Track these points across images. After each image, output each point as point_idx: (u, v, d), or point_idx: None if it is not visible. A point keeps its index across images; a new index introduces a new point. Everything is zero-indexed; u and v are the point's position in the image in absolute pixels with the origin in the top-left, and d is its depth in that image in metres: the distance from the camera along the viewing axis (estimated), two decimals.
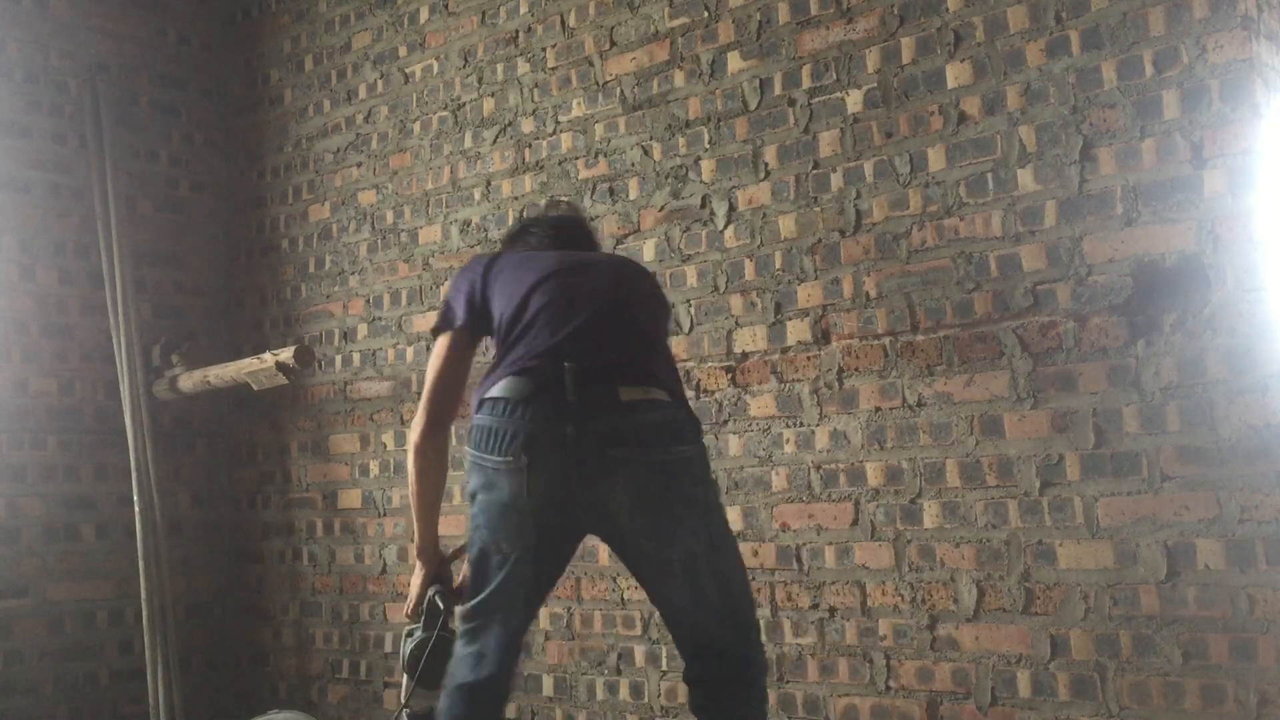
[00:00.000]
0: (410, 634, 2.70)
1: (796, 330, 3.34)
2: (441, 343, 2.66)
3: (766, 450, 3.36)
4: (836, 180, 3.29)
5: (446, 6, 4.32)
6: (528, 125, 4.01)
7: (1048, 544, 2.89)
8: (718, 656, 2.52)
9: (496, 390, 2.45)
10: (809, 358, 3.31)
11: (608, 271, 2.67)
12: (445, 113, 4.27)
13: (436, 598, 2.68)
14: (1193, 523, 2.69)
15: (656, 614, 3.51)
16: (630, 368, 2.46)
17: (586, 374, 2.40)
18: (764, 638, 3.32)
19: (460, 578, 2.66)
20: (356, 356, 4.45)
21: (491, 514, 2.45)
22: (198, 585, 4.74)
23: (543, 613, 3.80)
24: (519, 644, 2.55)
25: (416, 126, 4.36)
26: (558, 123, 3.93)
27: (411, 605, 2.72)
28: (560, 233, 2.85)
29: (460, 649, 2.51)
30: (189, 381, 4.55)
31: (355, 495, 4.42)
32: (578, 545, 2.61)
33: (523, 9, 4.07)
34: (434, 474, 2.62)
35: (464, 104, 4.21)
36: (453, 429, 2.63)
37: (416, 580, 2.72)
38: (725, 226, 3.50)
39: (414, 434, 2.62)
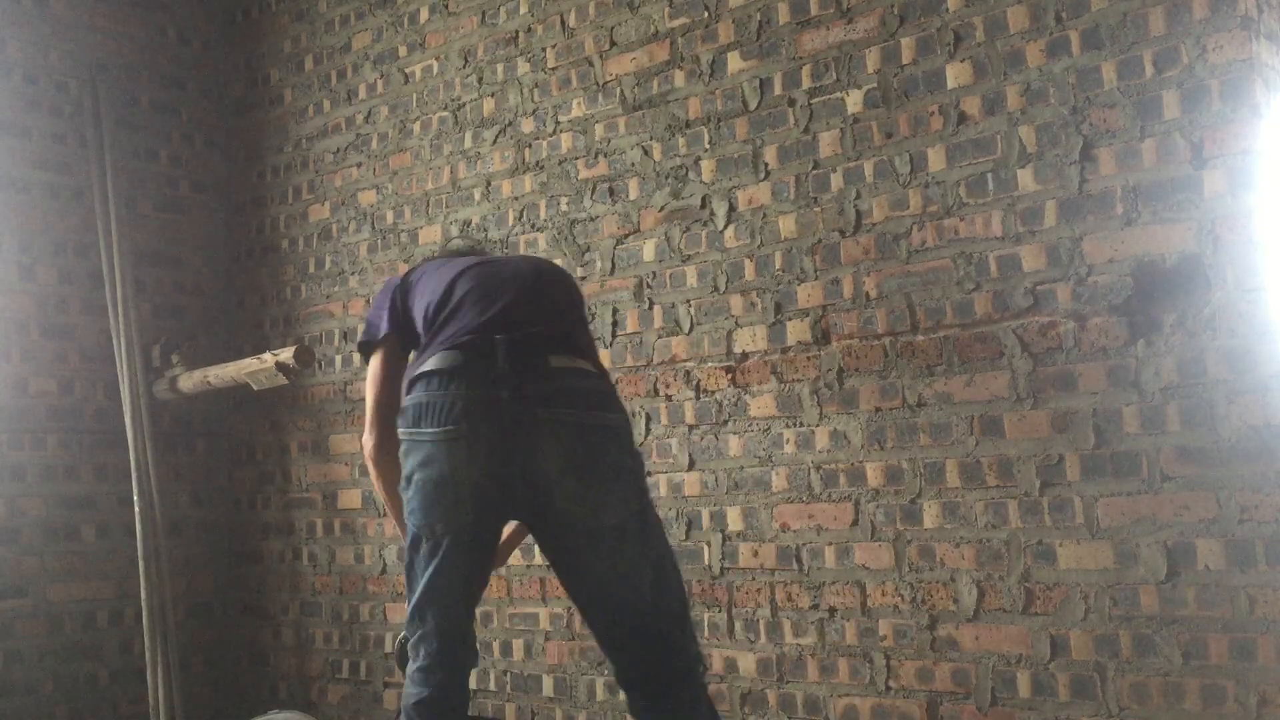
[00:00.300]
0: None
1: (796, 330, 3.34)
2: (374, 360, 2.79)
3: (766, 450, 3.37)
4: (836, 180, 3.29)
5: (446, 6, 4.32)
6: (528, 125, 4.01)
7: (1048, 544, 2.89)
8: (649, 646, 2.50)
9: (429, 365, 2.52)
10: (809, 358, 3.31)
11: (525, 261, 2.82)
12: (445, 113, 4.27)
13: None
14: (1193, 523, 2.69)
15: None
16: (557, 340, 2.55)
17: (516, 344, 2.49)
18: (763, 638, 3.33)
19: None
20: (356, 357, 4.45)
21: (426, 492, 2.48)
22: (198, 585, 4.74)
23: (542, 613, 3.80)
24: (464, 645, 2.55)
25: (416, 127, 4.36)
26: (558, 123, 3.93)
27: None
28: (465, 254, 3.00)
29: (410, 666, 2.55)
30: (189, 382, 4.55)
31: (355, 495, 4.42)
32: (503, 531, 2.66)
33: (523, 9, 4.07)
34: (398, 477, 2.67)
35: (464, 104, 4.21)
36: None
37: None
38: (725, 226, 3.50)
39: (368, 448, 2.75)
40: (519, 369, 2.46)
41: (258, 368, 4.29)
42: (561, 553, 2.57)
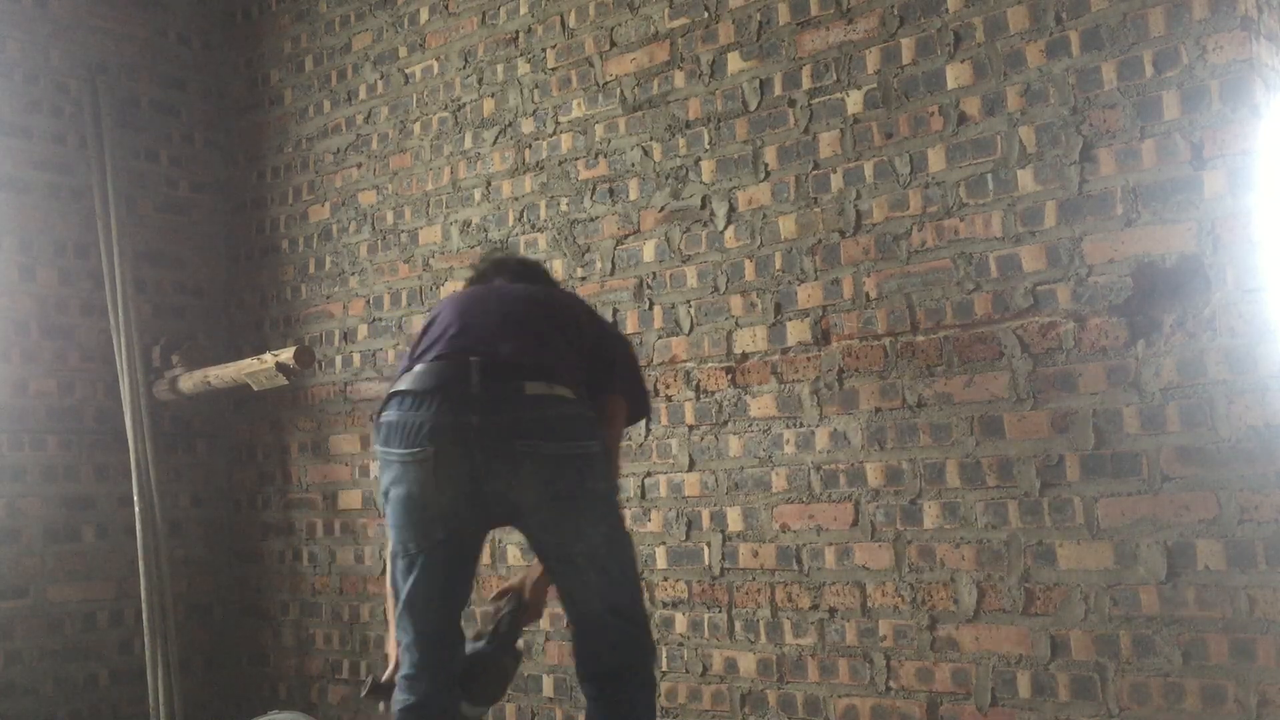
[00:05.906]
0: (477, 637, 2.75)
1: (796, 331, 3.34)
2: None
3: (766, 451, 3.36)
4: (836, 181, 3.29)
5: (446, 7, 4.32)
6: (528, 126, 4.01)
7: (1048, 544, 2.89)
8: (599, 640, 2.58)
9: (404, 384, 2.53)
10: (809, 358, 3.31)
11: (521, 289, 2.78)
12: (445, 113, 4.27)
13: (508, 615, 2.73)
14: (1193, 523, 2.69)
15: (657, 614, 3.52)
16: (534, 365, 2.52)
17: (490, 367, 2.47)
18: (763, 638, 3.33)
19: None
20: (356, 357, 4.45)
21: (398, 510, 2.51)
22: (198, 585, 4.74)
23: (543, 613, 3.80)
24: (448, 653, 2.59)
25: (417, 127, 4.36)
26: (558, 123, 3.93)
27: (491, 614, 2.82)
28: (502, 269, 2.96)
29: (399, 674, 2.59)
30: (189, 382, 4.55)
31: (355, 496, 4.41)
32: (485, 539, 2.68)
33: (523, 10, 4.07)
34: None
35: (464, 105, 4.21)
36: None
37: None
38: (725, 227, 3.50)
39: None
40: (492, 393, 2.45)
41: (258, 368, 4.29)
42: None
